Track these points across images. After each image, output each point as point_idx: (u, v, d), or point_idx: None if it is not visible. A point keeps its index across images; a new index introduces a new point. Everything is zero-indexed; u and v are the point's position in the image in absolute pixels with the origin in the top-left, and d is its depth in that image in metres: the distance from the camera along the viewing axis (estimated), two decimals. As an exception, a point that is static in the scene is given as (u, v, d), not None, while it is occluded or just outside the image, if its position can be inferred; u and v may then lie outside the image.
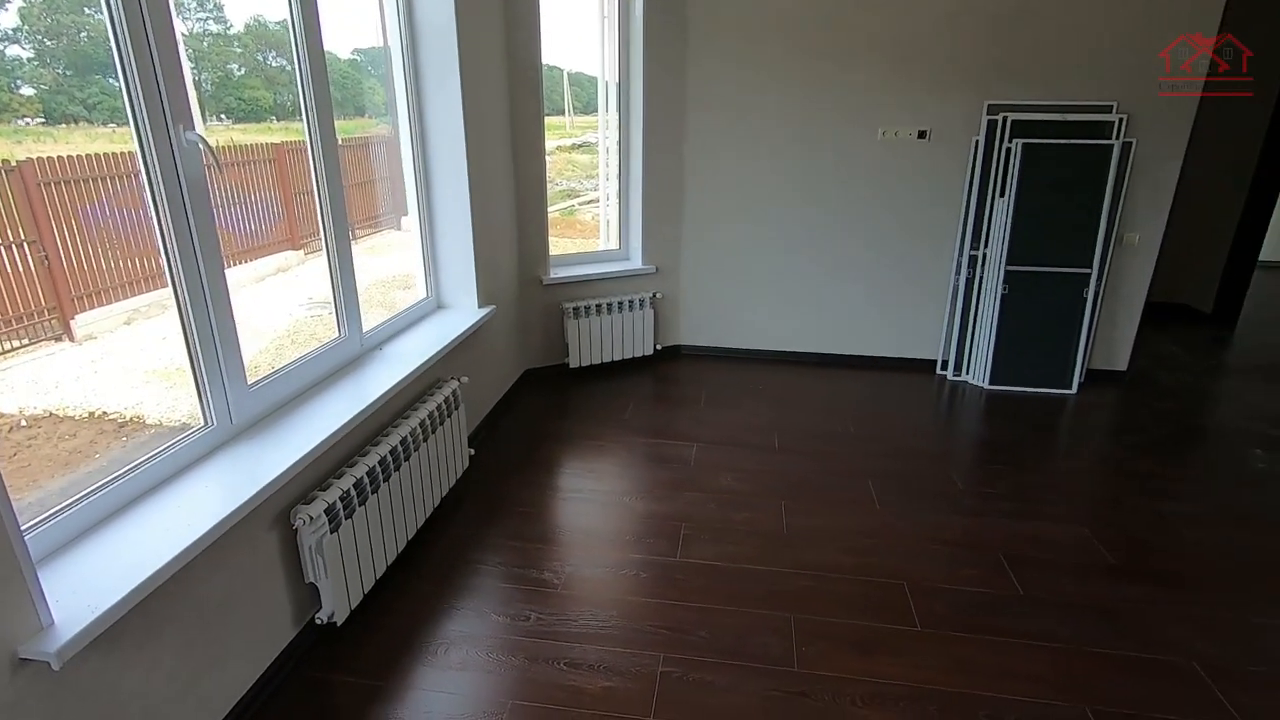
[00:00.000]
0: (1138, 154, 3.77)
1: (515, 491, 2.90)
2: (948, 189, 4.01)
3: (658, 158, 4.06)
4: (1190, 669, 1.99)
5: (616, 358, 4.19)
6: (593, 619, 2.15)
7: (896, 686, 1.91)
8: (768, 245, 4.25)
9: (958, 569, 2.42)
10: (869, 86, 3.89)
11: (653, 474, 3.08)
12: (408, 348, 2.65)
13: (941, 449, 3.36)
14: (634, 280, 4.21)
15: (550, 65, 4.36)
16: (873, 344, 4.37)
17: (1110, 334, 4.14)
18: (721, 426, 3.52)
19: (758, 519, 2.70)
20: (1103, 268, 3.86)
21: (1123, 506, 2.85)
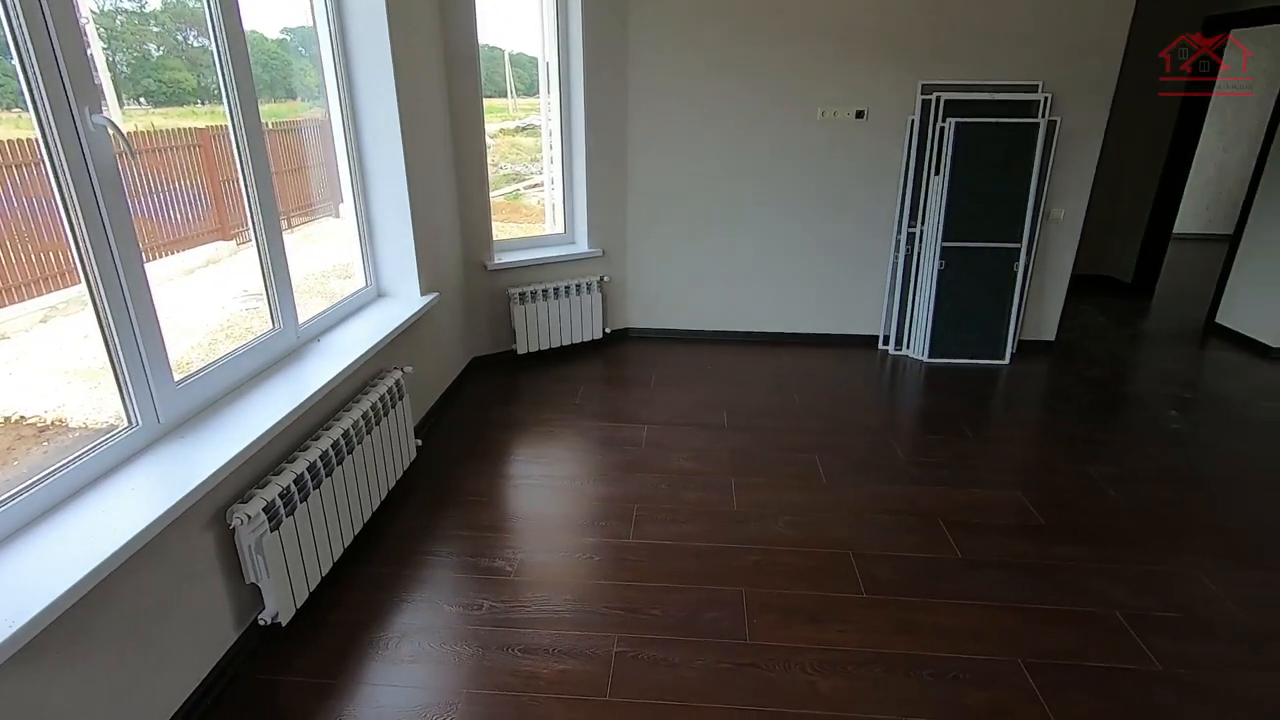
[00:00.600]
0: (1062, 132, 3.92)
1: (465, 480, 2.87)
2: (886, 168, 4.10)
3: (600, 140, 4.02)
4: (1113, 618, 2.12)
5: (565, 342, 4.17)
6: (547, 604, 2.15)
7: (845, 652, 1.97)
8: (713, 226, 4.28)
9: (901, 536, 2.51)
10: (809, 67, 3.93)
11: (604, 457, 3.08)
12: (347, 338, 2.57)
13: (884, 421, 3.47)
14: (580, 264, 4.18)
15: (490, 46, 4.26)
16: (817, 322, 4.46)
17: (1039, 306, 4.33)
18: (671, 407, 3.55)
19: (708, 497, 2.74)
20: (1031, 242, 4.02)
21: (1052, 470, 3.00)
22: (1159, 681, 1.89)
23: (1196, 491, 2.84)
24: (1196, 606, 2.17)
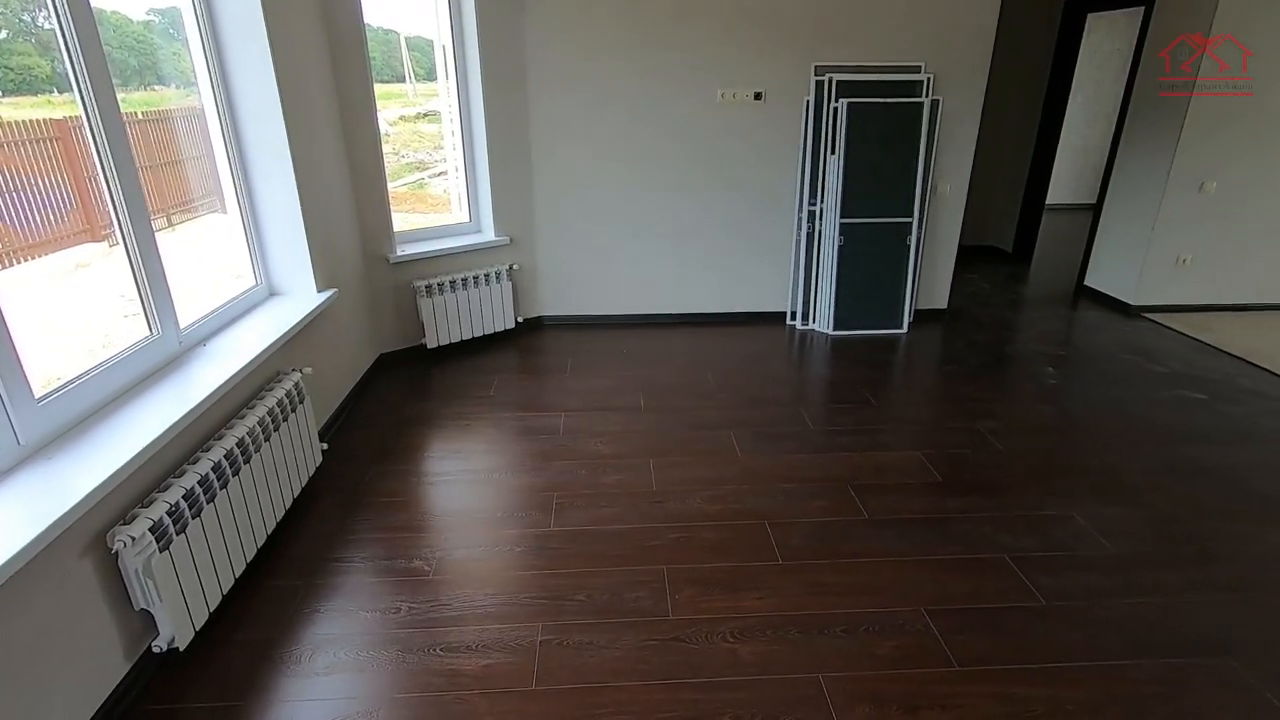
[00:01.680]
0: (944, 111, 4.15)
1: (378, 481, 2.77)
2: (785, 148, 4.22)
3: (501, 125, 3.93)
4: (1003, 562, 2.30)
5: (477, 334, 4.08)
6: (468, 600, 2.12)
7: (762, 618, 2.05)
8: (621, 210, 4.28)
9: (811, 502, 2.62)
10: (707, 49, 3.97)
11: (522, 447, 3.05)
12: (237, 341, 2.42)
13: (794, 394, 3.60)
14: (488, 253, 4.09)
15: (385, 29, 4.07)
16: (727, 301, 4.56)
17: (932, 276, 4.59)
18: (588, 393, 3.55)
19: (628, 479, 2.77)
20: (922, 216, 4.25)
21: (947, 429, 3.21)
22: (1042, 615, 2.07)
23: (1070, 439, 3.11)
24: (1072, 543, 2.39)
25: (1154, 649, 1.94)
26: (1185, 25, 4.20)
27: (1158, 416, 3.31)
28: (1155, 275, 4.64)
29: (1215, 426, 3.21)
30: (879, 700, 1.77)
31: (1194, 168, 4.36)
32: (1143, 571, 2.26)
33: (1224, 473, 2.83)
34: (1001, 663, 1.90)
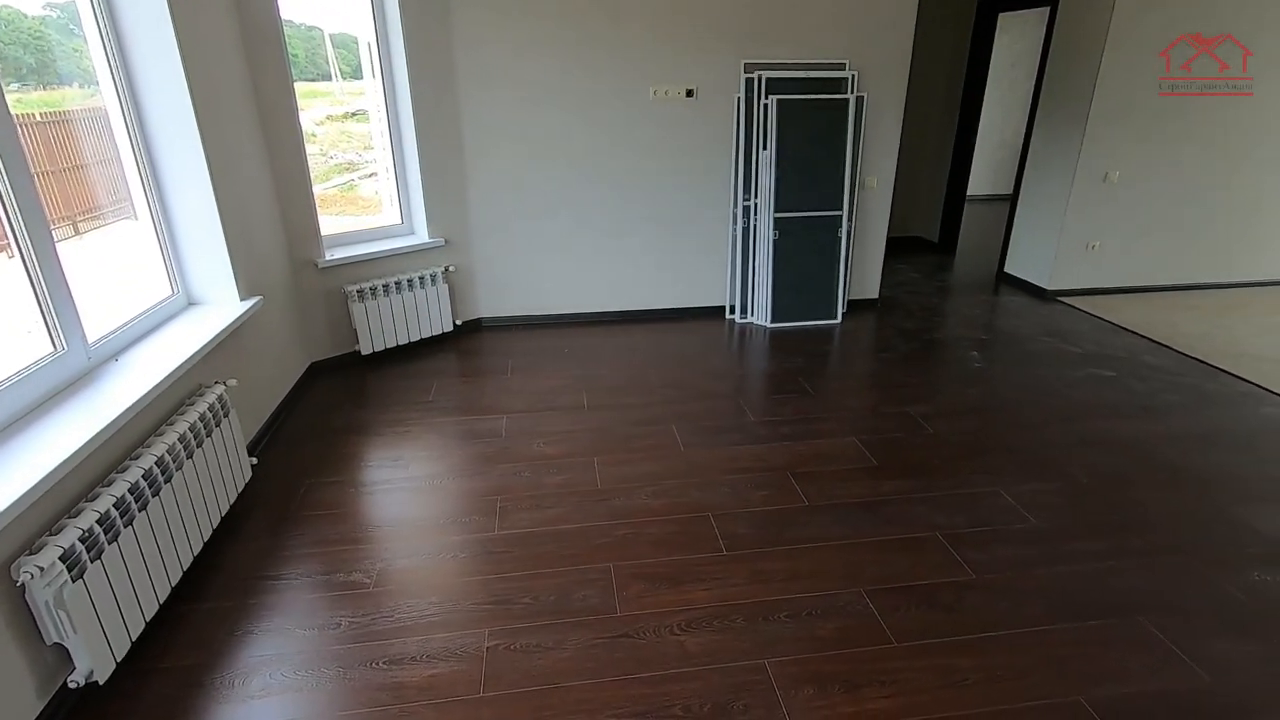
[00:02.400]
0: (869, 107, 4.28)
1: (312, 494, 2.68)
2: (719, 144, 4.27)
3: (431, 124, 3.85)
4: (935, 539, 2.40)
5: (413, 338, 3.99)
6: (411, 610, 2.07)
7: (708, 609, 2.08)
8: (558, 209, 4.25)
9: (754, 492, 2.67)
10: (638, 47, 3.98)
11: (464, 452, 3.01)
12: (153, 354, 2.30)
13: (734, 387, 3.66)
14: (422, 255, 4.00)
15: (308, 25, 3.92)
16: (667, 297, 4.59)
17: (863, 267, 4.74)
18: (530, 394, 3.52)
19: (572, 479, 2.76)
20: (852, 209, 4.38)
21: (881, 414, 3.32)
22: (972, 588, 2.17)
23: (995, 419, 3.26)
24: (998, 518, 2.51)
25: (1074, 613, 2.06)
26: (1089, 25, 4.46)
27: (1073, 394, 3.51)
28: (1067, 261, 4.91)
29: (1123, 401, 3.42)
30: (822, 681, 1.82)
31: (1098, 159, 4.63)
32: (1063, 541, 2.39)
33: (1132, 444, 3.02)
34: (936, 636, 1.98)
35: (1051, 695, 1.79)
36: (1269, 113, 4.67)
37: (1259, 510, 2.56)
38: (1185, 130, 4.64)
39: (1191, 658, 1.90)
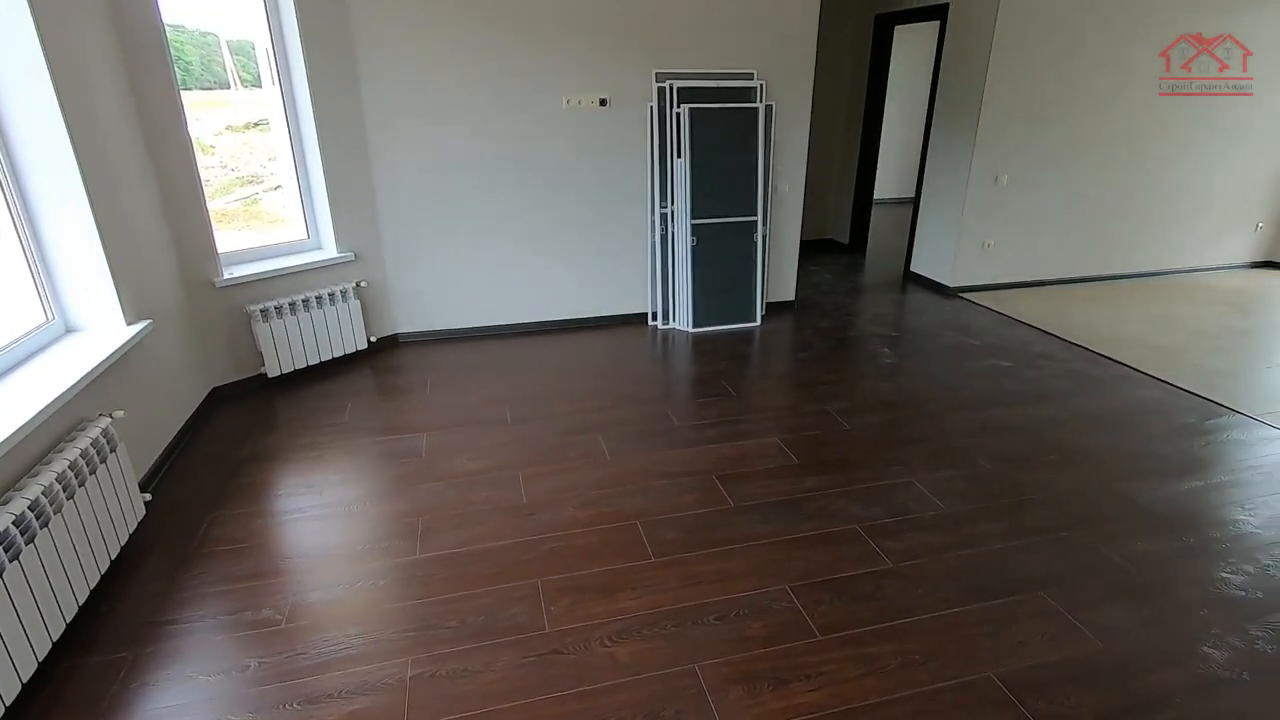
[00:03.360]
0: (778, 115, 4.41)
1: (216, 529, 2.51)
2: (634, 152, 4.30)
3: (335, 134, 3.70)
4: (855, 532, 2.48)
5: (325, 358, 3.82)
6: (328, 645, 1.97)
7: (638, 617, 2.07)
8: (473, 220, 4.17)
9: (681, 497, 2.69)
10: (550, 55, 3.96)
11: (383, 473, 2.89)
12: (22, 389, 2.10)
13: (659, 392, 3.68)
14: (331, 270, 3.83)
15: (203, 30, 3.70)
16: (590, 305, 4.58)
17: (779, 270, 4.87)
18: (451, 410, 3.43)
19: (497, 495, 2.71)
20: (766, 214, 4.50)
21: (800, 413, 3.41)
22: (890, 576, 2.26)
23: (905, 411, 3.42)
24: (912, 507, 2.63)
25: (982, 593, 2.18)
26: (975, 37, 4.76)
27: (974, 384, 3.72)
28: (966, 259, 5.21)
29: (1019, 389, 3.66)
30: (751, 680, 1.85)
31: (989, 163, 4.95)
32: (970, 525, 2.52)
33: (1028, 429, 3.23)
34: (858, 626, 2.04)
35: (964, 673, 1.88)
36: (1135, 120, 5.11)
37: (1139, 485, 2.79)
38: (1064, 136, 5.01)
39: (1086, 626, 2.04)
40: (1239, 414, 3.37)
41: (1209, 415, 3.37)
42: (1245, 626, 2.05)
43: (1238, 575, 2.26)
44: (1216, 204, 5.64)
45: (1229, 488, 2.77)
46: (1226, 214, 5.72)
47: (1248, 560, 2.33)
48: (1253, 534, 2.47)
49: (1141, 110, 5.11)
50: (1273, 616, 2.08)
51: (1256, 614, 2.10)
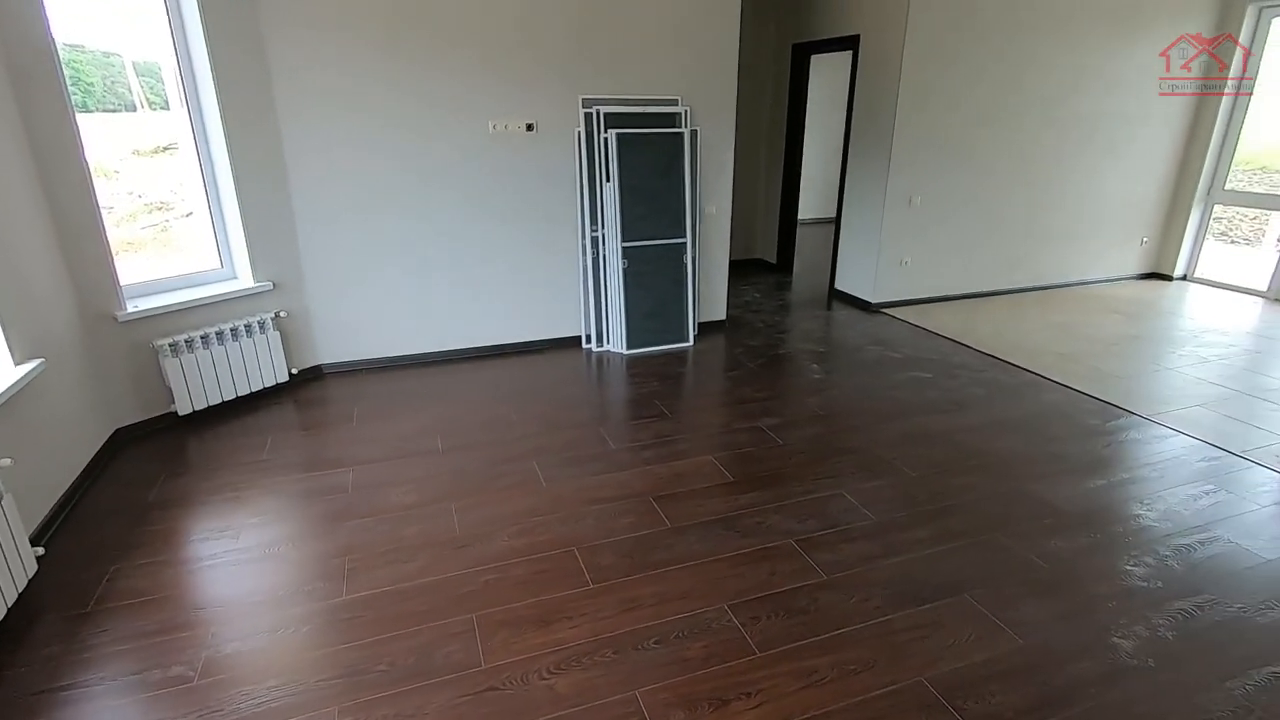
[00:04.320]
0: (703, 140, 4.53)
1: (120, 582, 2.34)
2: (563, 177, 4.32)
3: (250, 158, 3.56)
4: (789, 547, 2.53)
5: (241, 392, 3.63)
6: (246, 700, 1.85)
7: (577, 646, 2.04)
8: (401, 245, 4.08)
9: (618, 520, 2.68)
10: (475, 80, 3.94)
11: (306, 512, 2.76)
12: (-110, 439, 1.91)
13: (594, 416, 3.67)
14: (247, 301, 3.67)
15: (105, 51, 3.51)
16: (523, 330, 4.54)
17: (710, 290, 4.96)
18: (380, 442, 3.32)
19: (429, 529, 2.62)
20: (695, 236, 4.59)
21: (734, 430, 3.47)
22: (824, 588, 2.31)
23: (834, 425, 3.52)
24: (843, 518, 2.70)
25: (912, 599, 2.25)
26: (885, 66, 5.02)
27: (897, 395, 3.87)
28: (886, 276, 5.45)
29: (938, 399, 3.83)
30: (692, 702, 1.85)
31: (903, 185, 5.20)
32: (898, 533, 2.61)
33: (948, 436, 3.38)
34: (795, 640, 2.07)
35: (898, 680, 1.93)
36: (1032, 145, 5.49)
37: (1050, 485, 2.95)
38: (970, 160, 5.33)
39: (1007, 624, 2.14)
40: (1135, 415, 3.63)
41: (1109, 417, 3.61)
42: (1148, 615, 2.18)
43: (1139, 567, 2.42)
44: (1107, 221, 6.11)
45: (1129, 484, 2.97)
46: (1116, 230, 6.19)
47: (1148, 553, 2.50)
48: (1151, 527, 2.65)
49: (1037, 136, 5.49)
50: (1172, 604, 2.24)
51: (1157, 602, 2.24)
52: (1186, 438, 3.38)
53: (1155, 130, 5.92)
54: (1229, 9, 5.65)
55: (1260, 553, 2.50)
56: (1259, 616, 2.19)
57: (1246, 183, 6.19)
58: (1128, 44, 5.49)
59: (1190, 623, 2.15)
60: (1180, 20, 5.57)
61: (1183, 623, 2.15)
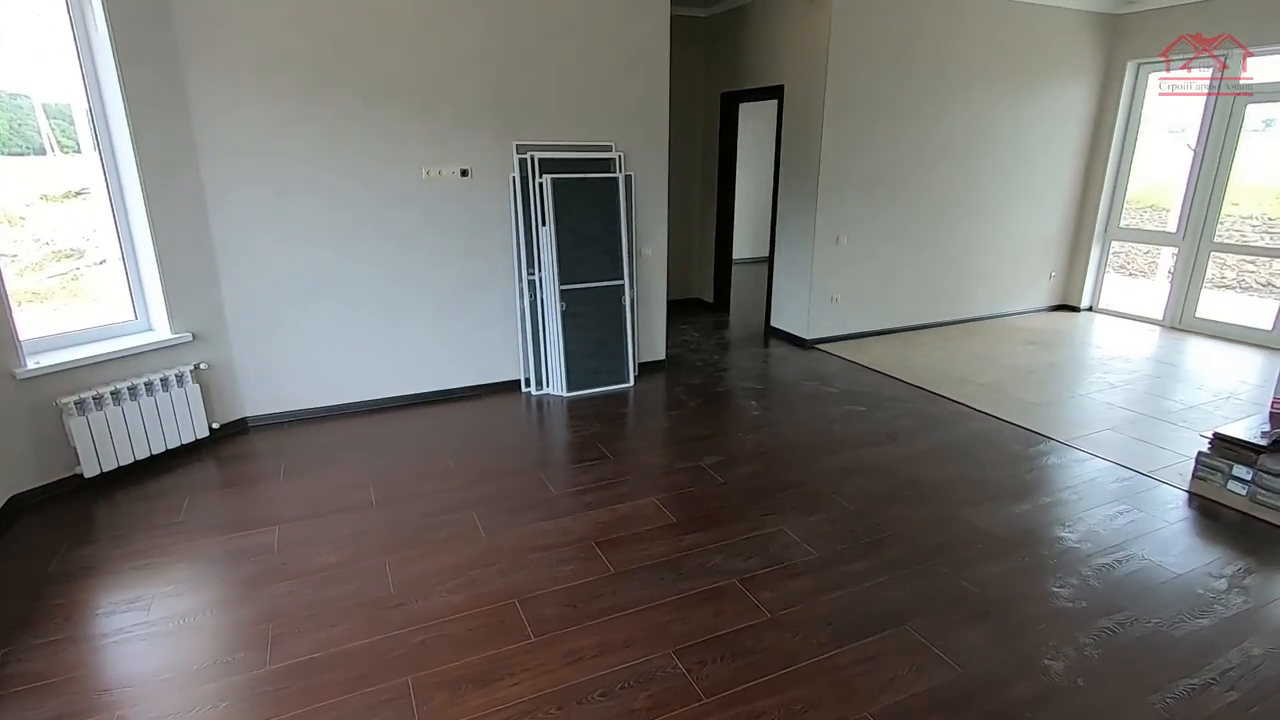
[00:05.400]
0: (637, 184, 4.62)
1: (14, 665, 2.13)
2: (498, 221, 4.32)
3: (169, 205, 3.43)
4: (733, 586, 2.52)
5: (156, 450, 3.42)
6: (154, 790, 1.70)
7: (519, 705, 1.97)
8: (333, 291, 3.98)
9: (560, 569, 2.62)
10: (408, 127, 3.93)
11: (227, 577, 2.60)
12: None
13: (535, 461, 3.61)
14: (164, 354, 3.49)
15: (12, 93, 3.35)
16: (459, 375, 4.46)
17: (649, 330, 5.01)
18: (309, 498, 3.17)
19: (361, 588, 2.50)
20: (632, 277, 4.64)
21: (676, 470, 3.47)
22: (770, 627, 2.30)
23: (774, 461, 3.57)
24: (786, 555, 2.72)
25: (855, 633, 2.27)
26: (809, 114, 5.27)
27: (834, 429, 3.97)
28: (818, 313, 5.63)
29: (873, 431, 3.94)
30: (639, 756, 1.80)
31: (830, 226, 5.43)
32: (840, 566, 2.64)
33: (884, 468, 3.47)
34: (742, 683, 2.05)
35: (845, 715, 1.93)
36: (949, 185, 5.83)
37: (980, 511, 3.06)
38: (892, 200, 5.62)
39: (946, 653, 2.18)
40: (1054, 440, 3.82)
41: (1031, 443, 3.79)
42: (1076, 635, 2.27)
43: (1065, 589, 2.52)
44: (1020, 257, 6.51)
45: (1052, 508, 3.10)
46: (1028, 265, 6.60)
47: (1072, 574, 2.60)
48: (1074, 549, 2.77)
49: (954, 178, 5.85)
50: (1096, 623, 2.33)
51: (1083, 622, 2.33)
52: (1101, 460, 3.57)
53: (1057, 172, 6.39)
54: (1111, 64, 6.21)
55: (1171, 567, 2.65)
56: (1174, 630, 2.30)
57: (1139, 220, 6.74)
58: (1028, 94, 5.95)
59: (1113, 640, 2.24)
60: (1069, 75, 6.09)
61: (1107, 640, 2.24)
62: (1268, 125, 5.97)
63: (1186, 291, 6.11)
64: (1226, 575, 2.60)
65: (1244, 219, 6.43)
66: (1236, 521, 2.99)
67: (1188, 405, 4.32)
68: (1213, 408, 4.27)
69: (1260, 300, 6.17)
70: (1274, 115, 5.87)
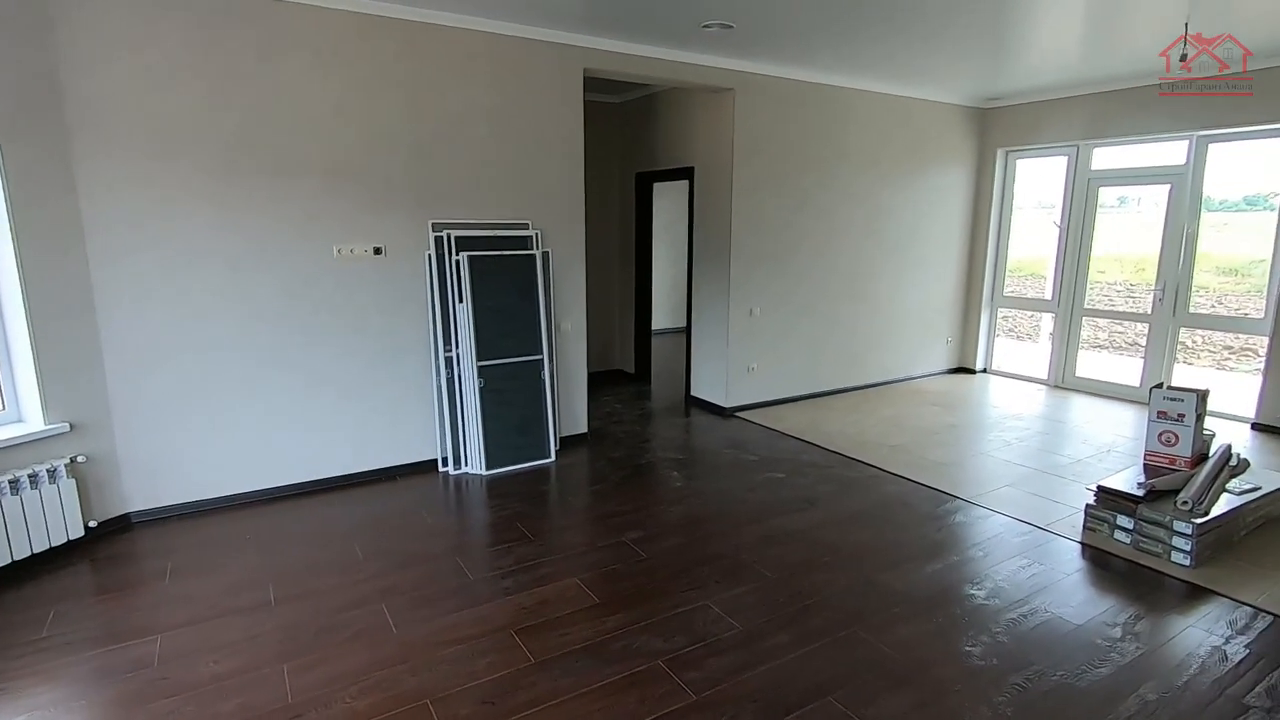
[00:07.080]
0: (555, 260, 4.70)
1: None
2: (413, 299, 4.27)
3: (45, 285, 3.21)
4: (658, 668, 2.45)
5: (19, 556, 3.07)
6: None
7: (429, 821, 1.81)
8: (231, 375, 3.77)
9: (476, 663, 2.48)
10: (317, 205, 3.87)
11: (96, 697, 2.31)
12: None
13: (451, 545, 3.46)
14: (35, 447, 3.19)
15: None
16: (372, 457, 4.28)
17: (570, 404, 4.99)
18: (198, 600, 2.90)
19: (253, 700, 2.28)
20: (552, 352, 4.65)
21: (599, 548, 3.40)
22: (694, 710, 2.24)
23: (697, 533, 3.56)
24: (710, 630, 2.68)
25: (780, 710, 2.24)
26: (717, 194, 5.56)
27: (755, 497, 4.01)
28: (736, 382, 5.78)
29: (792, 497, 4.02)
30: None
31: (743, 298, 5.65)
32: (763, 640, 2.63)
33: (804, 534, 3.52)
34: (667, 774, 1.97)
35: (771, 802, 1.88)
36: (850, 258, 6.22)
37: (896, 573, 3.13)
38: (799, 273, 5.93)
39: (869, 724, 2.17)
40: (959, 499, 4.00)
41: (939, 503, 3.95)
42: (989, 694, 2.32)
43: (978, 646, 2.59)
44: (919, 324, 6.95)
45: (961, 566, 3.22)
46: (927, 331, 7.05)
47: (983, 631, 2.69)
48: (982, 606, 2.87)
49: (858, 252, 6.26)
50: (1008, 680, 2.39)
51: (996, 680, 2.39)
52: (1003, 516, 3.76)
53: (947, 247, 6.95)
54: (985, 151, 6.92)
55: (1071, 619, 2.77)
56: (1078, 681, 2.39)
57: (1022, 288, 7.37)
58: (916, 177, 6.51)
59: (1024, 695, 2.31)
60: (949, 161, 6.72)
61: (1018, 697, 2.30)
62: (1122, 202, 6.76)
63: (1065, 353, 6.66)
64: (1120, 623, 2.75)
65: (1110, 285, 7.15)
66: (1124, 569, 3.18)
67: (1074, 459, 4.64)
68: (1096, 460, 4.61)
69: (1129, 359, 6.79)
70: (1126, 194, 6.65)
